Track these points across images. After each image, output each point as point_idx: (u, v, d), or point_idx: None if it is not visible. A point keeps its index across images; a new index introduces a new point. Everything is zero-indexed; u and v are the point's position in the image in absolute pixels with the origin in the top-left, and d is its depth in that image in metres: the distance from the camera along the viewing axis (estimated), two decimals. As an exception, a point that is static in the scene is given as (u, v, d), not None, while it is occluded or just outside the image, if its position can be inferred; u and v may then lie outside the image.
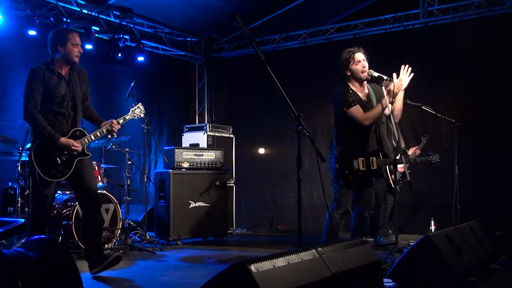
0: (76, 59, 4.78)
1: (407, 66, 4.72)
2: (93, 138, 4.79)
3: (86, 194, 4.77)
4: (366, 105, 4.82)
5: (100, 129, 4.82)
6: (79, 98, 4.84)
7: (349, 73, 4.82)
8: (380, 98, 4.83)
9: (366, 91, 4.89)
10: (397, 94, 4.69)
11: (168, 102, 9.67)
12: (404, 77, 4.71)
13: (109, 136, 4.99)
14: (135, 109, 5.16)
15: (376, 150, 4.79)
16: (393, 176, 6.26)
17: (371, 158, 4.73)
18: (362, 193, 4.81)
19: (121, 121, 4.95)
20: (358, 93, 4.83)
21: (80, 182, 4.77)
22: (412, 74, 4.73)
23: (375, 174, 4.82)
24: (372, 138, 4.87)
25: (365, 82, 4.89)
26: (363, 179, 4.74)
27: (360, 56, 4.79)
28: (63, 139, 4.61)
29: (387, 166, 6.17)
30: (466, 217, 5.45)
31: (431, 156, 5.24)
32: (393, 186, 6.26)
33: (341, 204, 4.72)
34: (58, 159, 4.60)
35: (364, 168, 4.66)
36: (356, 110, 4.69)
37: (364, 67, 4.77)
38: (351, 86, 4.83)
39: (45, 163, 4.57)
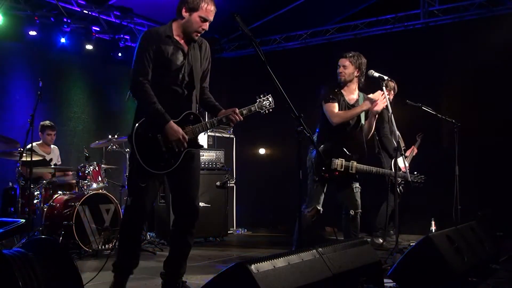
0: (195, 36, 3.79)
1: (384, 93, 4.77)
2: (208, 126, 3.88)
3: (187, 206, 3.87)
4: (350, 108, 4.90)
5: (217, 117, 3.89)
6: (198, 76, 3.86)
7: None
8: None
9: (356, 97, 4.97)
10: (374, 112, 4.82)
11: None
12: (380, 102, 4.76)
13: (227, 126, 4.01)
14: (263, 100, 4.07)
15: (360, 157, 4.84)
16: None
17: (351, 161, 4.78)
18: (344, 192, 4.84)
19: (244, 111, 3.98)
20: (345, 96, 4.92)
21: (183, 185, 3.86)
22: (386, 103, 4.79)
23: (353, 178, 4.84)
24: (357, 144, 4.91)
25: (356, 89, 4.98)
26: (341, 180, 4.77)
27: (339, 62, 4.92)
28: (173, 125, 3.64)
29: (392, 165, 6.19)
30: (466, 217, 5.45)
31: (416, 175, 5.27)
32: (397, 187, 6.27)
33: (311, 201, 4.78)
34: (163, 146, 3.67)
35: (342, 170, 4.73)
36: (331, 107, 4.81)
37: (340, 72, 4.90)
38: (342, 91, 4.95)
39: (148, 149, 3.64)
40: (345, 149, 4.81)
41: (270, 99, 4.07)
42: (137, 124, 3.65)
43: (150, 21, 8.68)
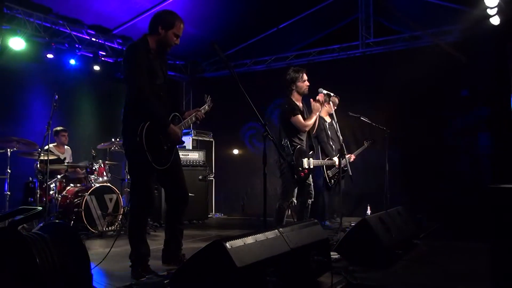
0: (168, 50, 3.64)
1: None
2: (187, 124, 3.83)
3: (178, 193, 3.80)
4: (303, 114, 4.91)
5: (190, 117, 3.86)
6: (168, 83, 3.74)
7: (293, 88, 4.89)
8: (304, 114, 4.95)
9: (301, 104, 4.98)
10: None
11: (161, 113, 9.53)
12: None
13: (197, 122, 3.95)
14: (208, 100, 4.24)
15: (312, 153, 4.88)
16: (329, 172, 6.31)
17: (310, 159, 4.81)
18: (304, 185, 4.84)
19: (203, 111, 4.04)
20: (298, 104, 4.92)
21: (174, 177, 3.76)
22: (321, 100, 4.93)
23: (311, 172, 4.87)
24: (307, 143, 4.96)
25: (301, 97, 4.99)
26: (306, 175, 4.80)
27: (305, 76, 4.92)
28: (173, 126, 3.54)
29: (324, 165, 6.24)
30: (394, 203, 5.54)
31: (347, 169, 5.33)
32: (328, 181, 6.30)
33: (289, 196, 4.72)
34: (164, 144, 3.54)
35: (307, 167, 4.74)
36: (299, 119, 4.79)
37: (307, 86, 4.91)
38: (293, 99, 4.90)
39: (153, 149, 3.44)
40: (305, 150, 4.83)
41: (210, 98, 4.19)
42: (145, 128, 3.38)
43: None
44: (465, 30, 7.02)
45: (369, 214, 6.44)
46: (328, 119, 6.51)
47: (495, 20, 6.46)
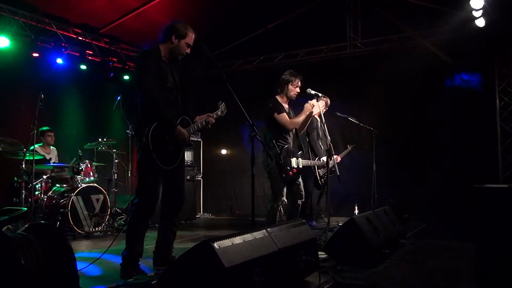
0: (180, 58, 3.75)
1: (318, 104, 4.96)
2: (196, 128, 3.86)
3: (176, 194, 3.79)
4: (288, 115, 4.91)
5: (200, 121, 3.89)
6: (182, 89, 3.82)
7: (284, 89, 4.91)
8: (290, 115, 4.95)
9: (287, 106, 4.99)
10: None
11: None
12: (316, 107, 5.01)
13: (207, 126, 3.93)
14: (222, 106, 4.11)
15: (301, 153, 4.89)
16: (320, 171, 6.31)
17: (299, 159, 4.81)
18: (293, 185, 4.84)
19: (215, 116, 4.01)
20: (283, 105, 4.92)
21: (177, 178, 3.79)
22: (319, 110, 5.08)
23: (300, 172, 4.87)
24: (296, 143, 4.96)
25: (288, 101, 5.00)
26: (295, 175, 4.80)
27: (299, 83, 4.90)
28: (180, 128, 3.61)
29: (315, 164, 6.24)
30: (381, 203, 5.58)
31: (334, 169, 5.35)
32: (318, 180, 6.31)
33: (279, 196, 4.71)
34: (171, 145, 3.59)
35: (296, 167, 4.74)
36: (284, 117, 4.81)
37: (297, 93, 4.92)
38: (279, 99, 4.91)
39: (160, 149, 3.50)
40: (293, 149, 4.83)
41: (224, 105, 4.09)
42: (151, 129, 3.47)
43: (133, 47, 8.53)
44: (451, 32, 7.10)
45: (356, 213, 6.47)
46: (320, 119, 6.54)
47: (480, 22, 6.55)
